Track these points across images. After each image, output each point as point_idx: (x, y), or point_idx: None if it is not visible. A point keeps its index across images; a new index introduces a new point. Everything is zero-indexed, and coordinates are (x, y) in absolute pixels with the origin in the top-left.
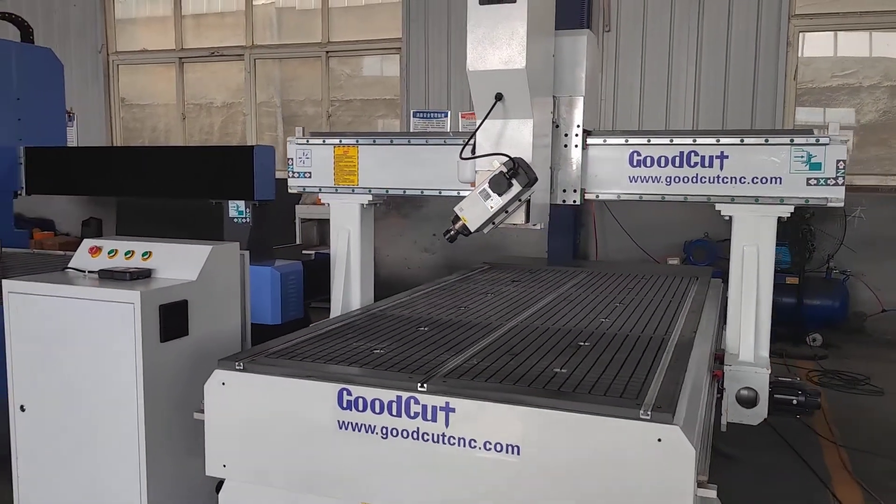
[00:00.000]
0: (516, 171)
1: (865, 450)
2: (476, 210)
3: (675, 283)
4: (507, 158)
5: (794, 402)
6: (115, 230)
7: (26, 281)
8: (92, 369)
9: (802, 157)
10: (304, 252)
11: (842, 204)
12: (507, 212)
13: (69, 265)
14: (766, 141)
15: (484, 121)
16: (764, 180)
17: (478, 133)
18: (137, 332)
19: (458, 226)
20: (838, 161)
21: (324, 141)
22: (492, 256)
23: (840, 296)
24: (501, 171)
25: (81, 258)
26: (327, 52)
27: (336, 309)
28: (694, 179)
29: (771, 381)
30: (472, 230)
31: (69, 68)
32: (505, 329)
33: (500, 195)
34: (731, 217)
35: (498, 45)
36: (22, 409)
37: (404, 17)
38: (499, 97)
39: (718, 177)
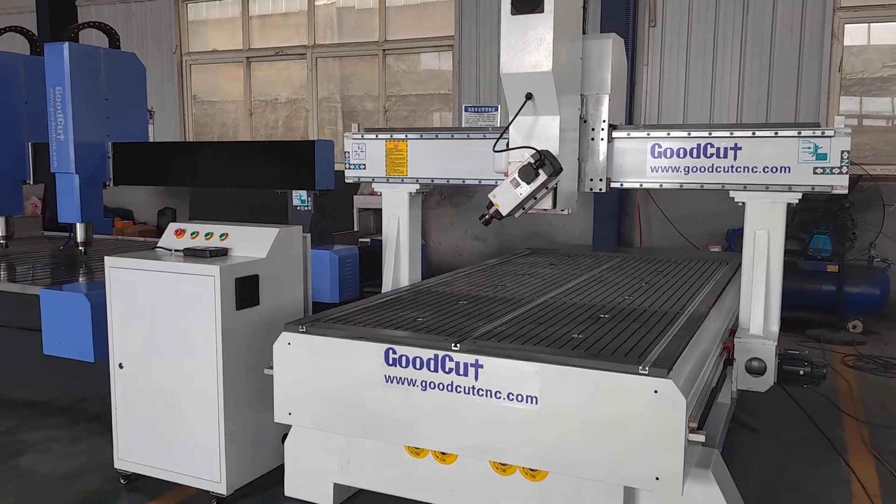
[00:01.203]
0: (542, 162)
1: (888, 426)
2: (507, 197)
3: (705, 266)
4: (535, 151)
5: (801, 372)
6: (188, 219)
7: (124, 258)
8: (178, 332)
9: (809, 148)
10: (360, 239)
11: (846, 191)
12: (535, 198)
13: (158, 245)
14: (776, 133)
15: (515, 117)
16: (774, 169)
17: (511, 128)
18: (217, 301)
19: (491, 211)
20: (843, 152)
21: (376, 136)
22: (539, 244)
23: (881, 284)
24: (529, 162)
25: (168, 239)
26: (384, 50)
27: (387, 285)
28: (710, 169)
29: (780, 353)
30: (503, 214)
31: (147, 68)
32: (535, 304)
33: (528, 183)
34: (744, 203)
35: (528, 51)
36: (120, 366)
37: (457, 15)
38: (529, 96)
39: (732, 167)
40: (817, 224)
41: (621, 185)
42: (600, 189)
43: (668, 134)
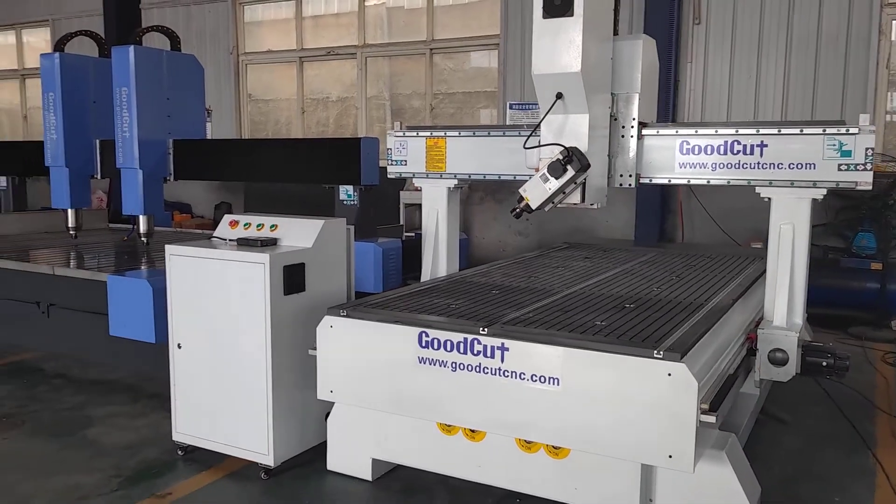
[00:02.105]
0: (570, 158)
1: None
2: (537, 191)
3: (739, 262)
4: (563, 148)
5: (824, 363)
6: (242, 212)
7: (183, 246)
8: (231, 315)
9: (834, 145)
10: (406, 233)
11: (870, 187)
12: (564, 193)
13: (214, 235)
14: (801, 131)
15: (545, 116)
16: (799, 166)
17: (542, 126)
18: (266, 286)
19: (522, 204)
20: (867, 149)
21: (417, 133)
22: (581, 240)
23: None
24: (558, 159)
25: (223, 229)
26: (431, 49)
27: (426, 275)
28: (736, 165)
29: (803, 345)
30: (533, 208)
31: (205, 68)
32: (564, 294)
33: (556, 179)
34: (769, 199)
35: (558, 52)
36: (179, 346)
37: (502, 14)
38: (559, 96)
39: (758, 163)
40: (861, 222)
41: (650, 180)
42: (630, 184)
43: (696, 131)
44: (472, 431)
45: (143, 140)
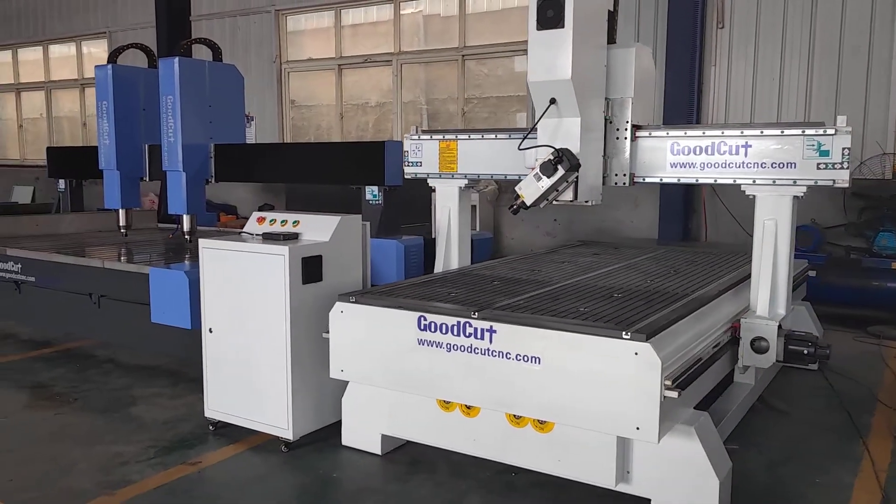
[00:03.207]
0: (560, 158)
1: None
2: (531, 189)
3: (744, 259)
4: (554, 149)
5: (805, 352)
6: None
7: (215, 240)
8: (255, 302)
9: (813, 145)
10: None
11: (847, 185)
12: (557, 190)
13: (243, 230)
14: (782, 132)
15: (539, 120)
16: (781, 165)
17: (539, 128)
18: (286, 276)
19: (518, 201)
20: (844, 148)
21: (431, 137)
22: (605, 239)
23: None
24: (549, 159)
25: (251, 225)
26: (463, 55)
27: (439, 267)
28: (723, 165)
29: (786, 334)
30: (528, 205)
31: (249, 76)
32: (559, 284)
33: (548, 177)
34: (754, 196)
35: (550, 61)
36: (210, 331)
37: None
38: (552, 101)
39: (743, 163)
40: (882, 222)
41: (644, 179)
42: (624, 183)
43: (686, 133)
44: (468, 408)
45: (187, 145)
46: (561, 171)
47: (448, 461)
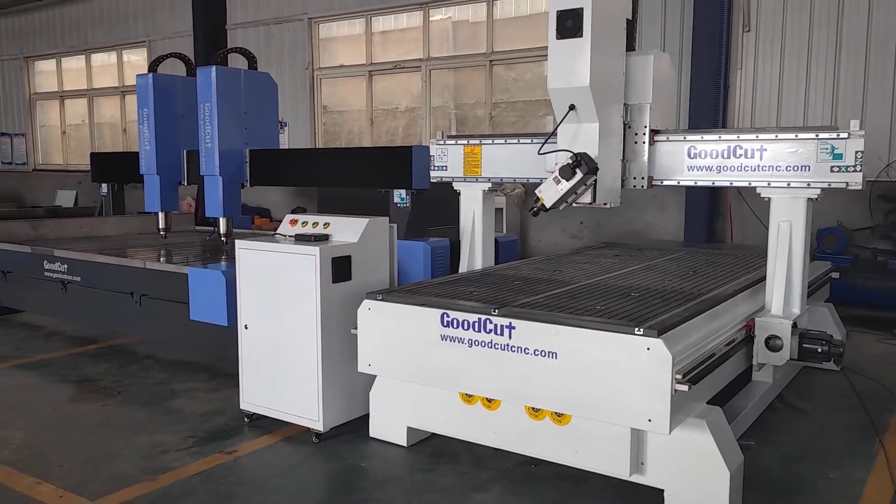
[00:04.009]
0: (578, 162)
1: None
2: (550, 192)
3: (763, 260)
4: (572, 153)
5: (819, 350)
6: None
7: (250, 241)
8: (288, 300)
9: (827, 149)
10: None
11: (860, 187)
12: (576, 193)
13: (277, 232)
14: (796, 136)
15: (559, 125)
16: (795, 168)
17: (559, 133)
18: (317, 275)
19: (538, 204)
20: (857, 152)
21: (456, 142)
22: (632, 241)
23: None
24: (568, 163)
25: (284, 227)
26: (491, 61)
27: (463, 268)
28: (738, 168)
29: (801, 332)
30: (548, 207)
31: (283, 82)
32: (579, 284)
33: (567, 181)
34: (769, 198)
35: (569, 69)
36: (245, 327)
37: None
38: (571, 107)
39: (758, 166)
40: None
41: (661, 182)
42: (643, 186)
43: (702, 137)
44: (489, 401)
45: (223, 150)
46: (579, 175)
47: (471, 453)
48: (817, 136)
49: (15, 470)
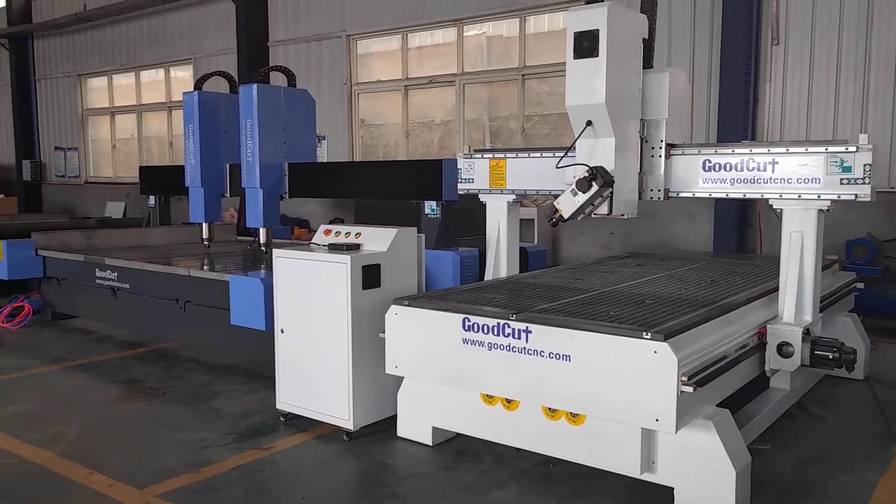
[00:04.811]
0: (594, 175)
1: None
2: (568, 204)
3: None
4: (588, 167)
5: (830, 356)
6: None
7: (286, 250)
8: (321, 305)
9: (836, 161)
10: None
11: (869, 199)
12: (593, 205)
13: (312, 241)
14: (806, 150)
15: (577, 140)
16: (805, 181)
17: (577, 147)
18: (348, 282)
19: (556, 215)
20: (865, 165)
21: (482, 155)
22: (662, 252)
23: None
24: (584, 176)
25: (319, 237)
26: (523, 75)
27: (488, 276)
28: (751, 181)
29: (813, 339)
30: (566, 218)
31: (322, 97)
32: (597, 291)
33: (583, 193)
34: (781, 209)
35: (586, 87)
36: (282, 331)
37: None
38: (588, 123)
39: (770, 178)
40: None
41: (678, 194)
42: (659, 198)
43: (716, 151)
44: (508, 402)
45: (264, 163)
46: (595, 188)
47: (492, 453)
48: (826, 149)
49: (71, 461)
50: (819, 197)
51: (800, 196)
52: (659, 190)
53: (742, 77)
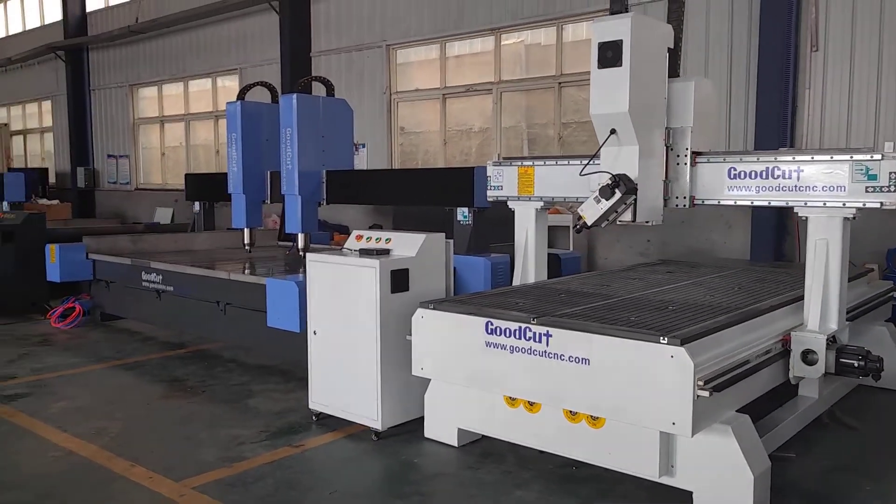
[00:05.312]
0: (617, 183)
1: None
2: (591, 211)
3: None
4: (611, 175)
5: (856, 364)
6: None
7: (319, 254)
8: (352, 308)
9: (861, 170)
10: None
11: (895, 207)
12: (616, 212)
13: (344, 246)
14: (832, 158)
15: (601, 148)
16: (831, 188)
17: (602, 155)
18: (377, 286)
19: (580, 222)
20: (891, 172)
21: (511, 163)
22: (699, 260)
23: None
24: (607, 183)
25: (351, 242)
26: (559, 83)
27: (517, 282)
28: (776, 188)
29: (839, 347)
30: (589, 225)
31: (362, 105)
32: (622, 297)
33: (606, 200)
34: (806, 217)
35: (610, 96)
36: (314, 333)
37: None
38: (612, 131)
39: (795, 186)
40: None
41: (703, 202)
42: (685, 205)
43: (741, 159)
44: (531, 404)
45: (302, 171)
46: (618, 195)
47: (516, 455)
48: (852, 157)
49: (113, 454)
50: (844, 205)
51: (825, 204)
52: (684, 197)
53: (780, 85)
